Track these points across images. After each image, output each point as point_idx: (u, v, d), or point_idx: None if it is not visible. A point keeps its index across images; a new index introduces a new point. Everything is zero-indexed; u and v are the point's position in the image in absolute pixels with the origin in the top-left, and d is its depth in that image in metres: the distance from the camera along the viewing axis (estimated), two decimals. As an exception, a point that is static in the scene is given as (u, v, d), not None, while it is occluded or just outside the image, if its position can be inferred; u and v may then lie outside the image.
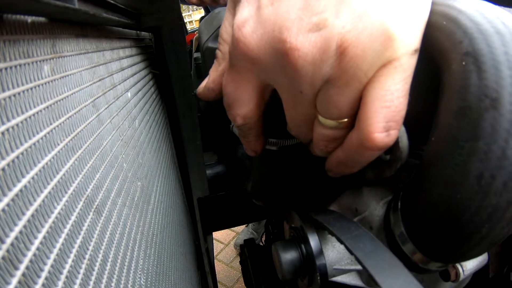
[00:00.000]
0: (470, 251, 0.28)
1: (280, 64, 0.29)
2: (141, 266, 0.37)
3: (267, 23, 0.29)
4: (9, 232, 0.16)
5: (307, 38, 0.27)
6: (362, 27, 0.26)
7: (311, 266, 0.35)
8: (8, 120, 0.18)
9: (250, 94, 0.34)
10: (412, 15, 0.27)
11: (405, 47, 0.27)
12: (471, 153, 0.25)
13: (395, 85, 0.28)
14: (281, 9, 0.28)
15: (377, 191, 0.38)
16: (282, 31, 0.28)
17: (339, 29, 0.26)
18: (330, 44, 0.27)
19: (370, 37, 0.26)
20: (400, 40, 0.26)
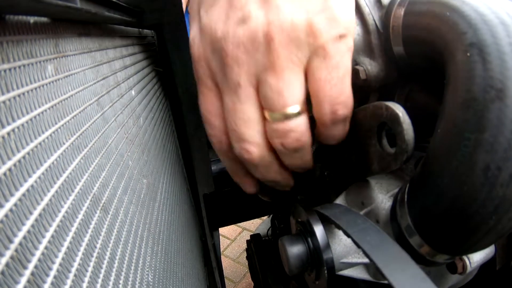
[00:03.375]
0: (477, 243, 0.28)
1: (220, 61, 0.32)
2: (149, 263, 0.37)
3: (206, 30, 0.33)
4: (17, 232, 0.16)
5: (237, 31, 0.30)
6: (285, 17, 0.29)
7: (318, 260, 0.35)
8: (14, 120, 0.18)
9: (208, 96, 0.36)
10: (333, 1, 0.30)
11: (326, 34, 0.30)
12: (477, 144, 0.25)
13: (328, 74, 0.31)
14: (213, 14, 0.32)
15: (383, 184, 0.38)
16: (216, 31, 0.32)
17: (263, 20, 0.29)
18: (257, 33, 0.30)
19: (293, 26, 0.29)
20: (319, 28, 0.29)
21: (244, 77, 0.31)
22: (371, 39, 0.38)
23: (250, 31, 0.30)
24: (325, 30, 0.29)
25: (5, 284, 0.14)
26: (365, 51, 0.39)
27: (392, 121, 0.30)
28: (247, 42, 0.30)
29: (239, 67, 0.31)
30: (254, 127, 0.33)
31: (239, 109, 0.33)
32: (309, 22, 0.29)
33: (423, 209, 0.30)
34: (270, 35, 0.29)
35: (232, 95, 0.33)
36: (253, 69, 0.31)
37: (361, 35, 0.39)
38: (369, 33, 0.38)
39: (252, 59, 0.31)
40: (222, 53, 0.31)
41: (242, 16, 0.30)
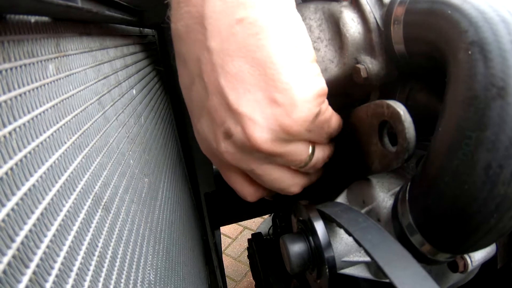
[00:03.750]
0: (478, 241, 0.28)
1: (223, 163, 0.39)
2: (150, 262, 0.37)
3: (201, 138, 0.38)
4: (19, 231, 0.16)
5: (226, 144, 0.35)
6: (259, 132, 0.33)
7: (319, 259, 0.35)
8: (15, 119, 0.18)
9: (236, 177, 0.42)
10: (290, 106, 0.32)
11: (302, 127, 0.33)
12: (478, 143, 0.25)
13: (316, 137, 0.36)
14: (203, 127, 0.37)
15: (384, 183, 0.38)
16: (209, 143, 0.37)
17: (243, 134, 0.33)
18: (242, 146, 0.34)
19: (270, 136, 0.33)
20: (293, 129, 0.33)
21: (254, 166, 0.37)
22: (372, 38, 0.38)
23: (236, 145, 0.35)
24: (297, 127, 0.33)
25: (7, 283, 0.15)
26: (366, 50, 0.39)
27: (393, 119, 0.30)
28: (237, 152, 0.35)
29: (244, 163, 0.36)
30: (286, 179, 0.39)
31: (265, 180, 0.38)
32: (283, 129, 0.33)
33: (424, 208, 0.30)
34: (255, 147, 0.33)
35: (254, 175, 0.38)
36: (257, 160, 0.36)
37: (362, 34, 0.39)
38: (370, 31, 0.38)
39: (250, 158, 0.36)
40: (223, 160, 0.37)
41: (225, 132, 0.34)
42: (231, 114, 0.33)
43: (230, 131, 0.34)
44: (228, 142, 0.35)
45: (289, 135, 0.33)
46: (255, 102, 0.32)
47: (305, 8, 0.42)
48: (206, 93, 0.34)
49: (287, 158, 0.35)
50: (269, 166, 0.37)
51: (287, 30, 0.32)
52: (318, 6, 0.42)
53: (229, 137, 0.34)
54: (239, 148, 0.35)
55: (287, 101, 0.32)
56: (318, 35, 0.41)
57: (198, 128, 0.38)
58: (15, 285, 0.15)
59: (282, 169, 0.38)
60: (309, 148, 0.36)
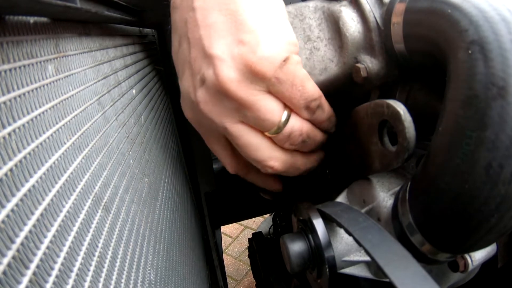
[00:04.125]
0: (478, 241, 0.28)
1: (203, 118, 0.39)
2: (151, 262, 0.37)
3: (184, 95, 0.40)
4: (18, 232, 0.16)
5: (199, 92, 0.37)
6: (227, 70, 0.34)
7: (319, 258, 0.35)
8: (14, 120, 0.18)
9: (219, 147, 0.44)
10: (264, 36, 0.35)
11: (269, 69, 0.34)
12: (478, 142, 0.25)
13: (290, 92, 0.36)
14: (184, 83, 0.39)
15: (385, 182, 0.38)
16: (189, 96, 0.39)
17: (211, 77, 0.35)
18: (212, 90, 0.36)
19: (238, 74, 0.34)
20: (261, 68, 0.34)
21: (226, 121, 0.37)
22: (372, 37, 0.38)
23: (208, 89, 0.36)
24: (267, 68, 0.34)
25: (7, 284, 0.15)
26: (366, 49, 0.39)
27: (393, 119, 0.30)
28: (210, 98, 0.37)
29: (217, 117, 0.37)
30: (262, 148, 0.38)
31: (240, 143, 0.38)
32: (249, 67, 0.34)
33: (425, 207, 0.30)
34: (223, 88, 0.35)
35: (228, 135, 0.39)
36: (229, 113, 0.37)
37: (362, 33, 0.39)
38: (370, 30, 0.38)
39: (222, 108, 0.37)
40: (200, 113, 0.38)
41: (200, 79, 0.37)
42: (205, 60, 0.36)
43: (203, 76, 0.36)
44: (202, 88, 0.37)
45: (254, 74, 0.34)
46: (225, 45, 0.35)
47: (305, 8, 0.42)
48: (189, 48, 0.37)
49: (257, 114, 0.36)
50: (242, 126, 0.37)
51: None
52: (318, 5, 0.42)
53: (203, 83, 0.36)
54: (211, 94, 0.36)
55: (253, 40, 0.34)
56: (318, 35, 0.41)
57: (182, 86, 0.40)
58: (15, 286, 0.15)
59: (258, 134, 0.38)
60: (282, 111, 0.37)
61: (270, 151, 0.39)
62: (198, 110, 0.38)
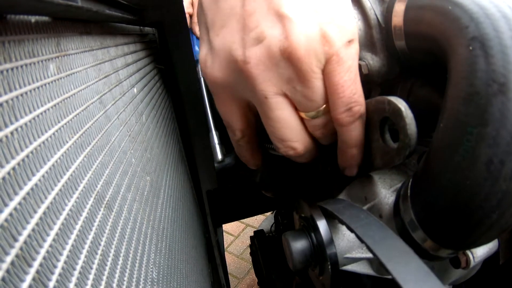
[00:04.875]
0: (480, 237, 0.28)
1: (242, 80, 0.34)
2: (153, 260, 0.37)
3: (219, 51, 0.34)
4: (22, 230, 0.16)
5: (253, 51, 0.32)
6: (300, 32, 0.31)
7: (321, 256, 0.35)
8: (17, 119, 0.18)
9: (236, 114, 0.40)
10: (338, 11, 0.32)
11: (339, 41, 0.32)
12: (479, 139, 0.25)
13: (341, 78, 0.33)
14: (226, 36, 0.34)
15: (386, 179, 0.38)
16: (232, 53, 0.33)
17: (277, 37, 0.31)
18: (273, 51, 0.31)
19: (308, 39, 0.31)
20: (332, 36, 0.31)
21: (270, 90, 0.33)
22: (373, 34, 0.38)
23: (268, 49, 0.32)
24: (337, 38, 0.31)
25: (11, 282, 0.15)
26: (367, 46, 0.39)
27: (394, 115, 0.30)
28: (266, 60, 0.32)
29: (263, 83, 0.33)
30: (292, 127, 0.36)
31: (273, 116, 0.35)
32: (323, 32, 0.31)
33: (426, 204, 0.30)
34: (288, 51, 0.31)
35: (263, 106, 0.35)
36: (278, 82, 0.33)
37: (362, 30, 0.39)
38: (371, 28, 0.38)
39: (274, 74, 0.33)
40: (243, 74, 0.33)
41: (256, 36, 0.32)
42: (270, 17, 0.31)
43: (263, 34, 0.32)
44: (257, 47, 0.32)
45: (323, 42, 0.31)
46: (299, 6, 0.31)
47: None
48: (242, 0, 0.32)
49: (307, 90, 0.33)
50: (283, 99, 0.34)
51: None
52: (319, 3, 0.42)
53: (260, 41, 0.32)
54: (269, 56, 0.32)
55: (330, 9, 0.32)
56: (319, 32, 0.41)
57: (217, 42, 0.35)
58: (19, 284, 0.15)
59: (293, 112, 0.35)
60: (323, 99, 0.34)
61: (298, 132, 0.36)
62: (241, 69, 0.33)
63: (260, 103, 0.35)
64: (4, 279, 0.14)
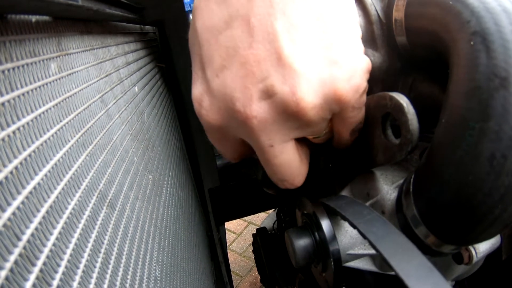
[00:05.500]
0: (483, 233, 0.28)
1: (243, 130, 0.31)
2: (156, 258, 0.37)
3: (219, 96, 0.30)
4: (25, 230, 0.16)
5: (261, 105, 0.28)
6: (313, 94, 0.28)
7: (324, 252, 0.35)
8: (19, 119, 0.18)
9: (230, 149, 0.36)
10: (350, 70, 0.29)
11: (352, 99, 0.29)
12: (481, 133, 0.25)
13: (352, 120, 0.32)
14: (227, 81, 0.29)
15: (388, 175, 0.38)
16: (233, 102, 0.29)
17: (290, 94, 0.28)
18: (285, 108, 0.28)
19: (322, 100, 0.28)
20: (346, 96, 0.29)
21: (277, 140, 0.31)
22: (374, 30, 0.38)
23: (278, 106, 0.28)
24: (350, 96, 0.29)
25: (15, 281, 0.15)
26: (368, 42, 0.39)
27: (396, 111, 0.30)
28: (275, 116, 0.29)
29: (268, 135, 0.30)
30: (294, 167, 0.34)
31: (276, 162, 0.33)
32: (337, 95, 0.28)
33: (429, 200, 0.30)
34: (302, 110, 0.28)
35: (266, 154, 0.32)
36: (286, 132, 0.31)
37: (363, 26, 0.39)
38: (372, 23, 0.38)
39: (282, 127, 0.30)
40: (246, 126, 0.30)
41: (265, 90, 0.28)
42: (280, 69, 0.28)
43: (273, 89, 0.28)
44: (264, 102, 0.28)
45: (339, 103, 0.29)
46: (313, 60, 0.28)
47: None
48: (248, 39, 0.28)
49: (317, 129, 0.31)
50: (289, 143, 0.32)
51: None
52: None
53: (269, 97, 0.28)
54: (275, 112, 0.29)
55: (349, 65, 0.28)
56: (319, 29, 0.41)
57: (216, 84, 0.30)
58: (23, 284, 0.15)
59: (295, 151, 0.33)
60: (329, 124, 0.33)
61: (298, 169, 0.34)
62: (242, 122, 0.30)
63: (262, 151, 0.32)
64: (8, 278, 0.14)
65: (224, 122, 0.32)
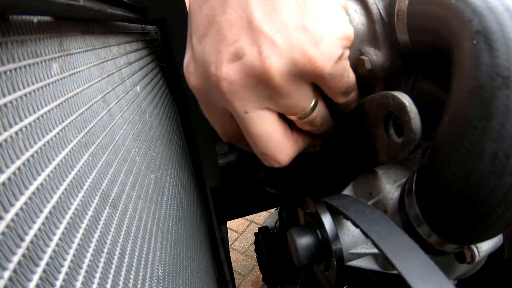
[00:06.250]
0: (485, 232, 0.28)
1: (218, 93, 0.32)
2: (158, 258, 0.37)
3: (199, 60, 0.32)
4: (28, 230, 0.16)
5: (231, 67, 0.30)
6: (281, 55, 0.28)
7: (327, 251, 0.35)
8: (21, 119, 0.18)
9: (218, 120, 0.38)
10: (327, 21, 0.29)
11: (327, 64, 0.30)
12: (484, 132, 0.25)
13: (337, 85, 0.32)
14: (205, 46, 0.31)
15: (391, 174, 0.38)
16: (208, 66, 0.31)
17: (257, 56, 0.29)
18: (254, 69, 0.29)
19: (291, 63, 0.29)
20: (320, 62, 0.29)
21: (250, 106, 0.32)
22: (376, 29, 0.38)
23: (246, 68, 0.29)
24: (324, 64, 0.29)
25: (18, 282, 0.15)
26: (370, 41, 0.39)
27: (399, 110, 0.30)
28: (244, 78, 0.30)
29: (241, 100, 0.31)
30: (276, 140, 0.34)
31: (254, 132, 0.33)
32: (307, 58, 0.29)
33: (431, 198, 0.30)
34: (268, 72, 0.29)
35: (243, 121, 0.33)
36: (258, 99, 0.31)
37: (365, 25, 0.39)
38: (374, 22, 0.38)
39: (253, 93, 0.31)
40: (218, 88, 0.31)
41: (235, 52, 0.29)
42: (250, 32, 0.29)
43: (242, 51, 0.29)
44: (234, 64, 0.30)
45: (310, 71, 0.29)
46: (281, 24, 0.28)
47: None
48: (223, 6, 0.30)
49: (291, 101, 0.32)
50: (265, 113, 0.32)
51: None
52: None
53: (238, 58, 0.29)
54: (244, 74, 0.30)
55: (317, 29, 0.29)
56: (321, 28, 0.41)
57: (198, 50, 0.32)
58: (26, 284, 0.15)
59: (276, 123, 0.34)
60: (313, 97, 0.33)
61: (282, 144, 0.34)
62: (215, 85, 0.31)
63: (239, 118, 0.33)
64: (12, 279, 0.14)
65: (203, 86, 0.34)
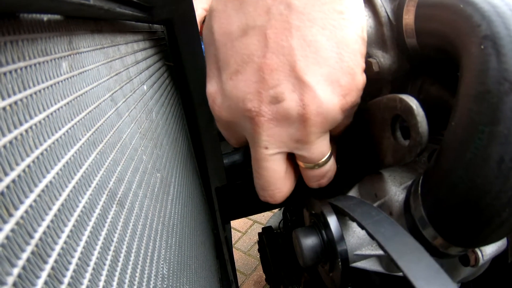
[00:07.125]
0: (490, 235, 0.28)
1: (249, 126, 0.34)
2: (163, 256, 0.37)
3: (231, 96, 0.34)
4: (37, 227, 0.16)
5: (270, 108, 0.32)
6: (320, 102, 0.31)
7: (332, 252, 0.35)
8: (31, 117, 0.18)
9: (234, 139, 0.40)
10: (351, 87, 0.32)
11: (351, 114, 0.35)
12: (491, 137, 0.25)
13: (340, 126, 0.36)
14: (240, 84, 0.33)
15: (396, 177, 0.38)
16: (245, 103, 0.33)
17: (297, 103, 0.31)
18: (291, 113, 0.32)
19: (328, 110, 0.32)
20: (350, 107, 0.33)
21: (273, 144, 0.34)
22: (384, 31, 0.38)
23: (285, 111, 0.32)
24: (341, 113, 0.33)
25: (27, 279, 0.15)
26: (378, 44, 0.39)
27: (406, 113, 0.30)
28: (281, 118, 0.32)
29: (269, 136, 0.34)
30: (277, 179, 0.37)
31: (264, 166, 0.36)
32: (342, 105, 0.32)
33: (437, 201, 0.30)
34: (305, 116, 0.32)
35: (259, 154, 0.35)
36: (285, 140, 0.34)
37: (373, 28, 0.39)
38: (382, 25, 0.38)
39: (284, 133, 0.33)
40: (253, 122, 0.33)
41: (275, 96, 0.32)
42: (292, 80, 0.31)
43: (282, 96, 0.31)
44: (272, 106, 0.32)
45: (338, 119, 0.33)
46: (320, 76, 0.31)
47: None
48: (263, 49, 0.31)
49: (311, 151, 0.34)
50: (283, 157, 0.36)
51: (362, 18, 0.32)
52: (329, 0, 0.41)
53: (278, 102, 0.32)
54: (281, 116, 0.32)
55: (348, 84, 0.32)
56: (329, 29, 0.41)
57: (229, 86, 0.34)
58: (35, 281, 0.15)
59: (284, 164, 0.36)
60: (329, 150, 0.36)
61: (281, 183, 0.37)
62: (252, 119, 0.33)
63: (257, 151, 0.35)
64: (20, 275, 0.14)
65: (232, 119, 0.36)
